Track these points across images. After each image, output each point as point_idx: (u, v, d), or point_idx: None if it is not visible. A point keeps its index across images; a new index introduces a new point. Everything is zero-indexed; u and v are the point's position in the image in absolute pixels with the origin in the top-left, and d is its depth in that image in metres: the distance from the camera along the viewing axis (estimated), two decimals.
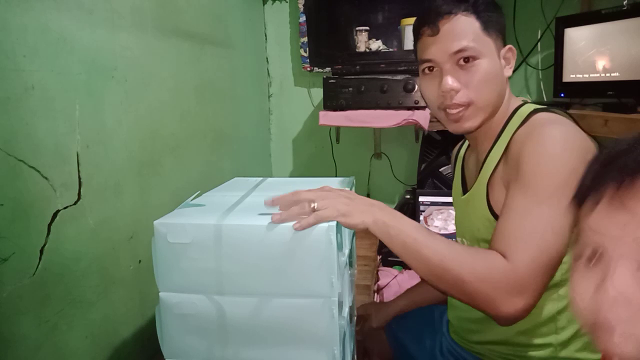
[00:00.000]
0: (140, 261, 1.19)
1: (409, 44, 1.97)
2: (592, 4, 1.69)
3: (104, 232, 1.06)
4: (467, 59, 0.82)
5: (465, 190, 0.99)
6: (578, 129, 0.78)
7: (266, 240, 0.71)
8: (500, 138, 0.86)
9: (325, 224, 0.70)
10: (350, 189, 0.99)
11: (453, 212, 1.93)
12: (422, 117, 1.82)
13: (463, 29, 0.83)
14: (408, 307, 1.21)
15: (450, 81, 0.83)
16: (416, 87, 1.83)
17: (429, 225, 1.97)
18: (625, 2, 1.45)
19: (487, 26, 0.84)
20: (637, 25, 1.42)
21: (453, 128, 0.88)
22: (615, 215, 0.38)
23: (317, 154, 2.44)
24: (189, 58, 1.51)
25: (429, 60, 0.85)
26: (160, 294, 0.77)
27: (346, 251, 0.85)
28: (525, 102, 0.90)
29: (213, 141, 1.70)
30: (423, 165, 2.11)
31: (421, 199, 1.95)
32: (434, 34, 0.84)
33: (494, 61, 0.84)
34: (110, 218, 1.08)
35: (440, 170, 2.03)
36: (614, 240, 0.38)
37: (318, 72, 2.22)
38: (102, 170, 1.05)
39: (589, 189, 0.42)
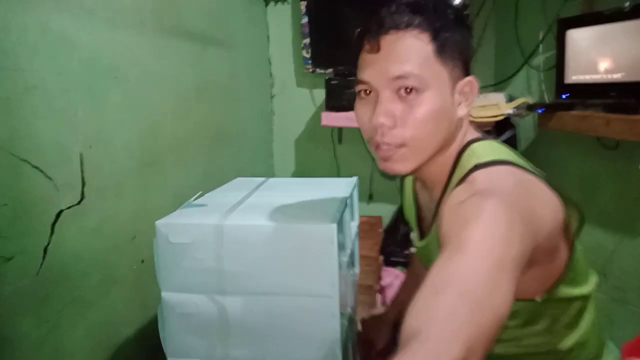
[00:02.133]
0: (142, 261, 1.19)
1: None
2: (594, 5, 1.69)
3: (106, 232, 1.06)
4: (409, 90, 0.67)
5: (421, 232, 0.87)
6: (518, 176, 0.67)
7: (268, 240, 0.71)
8: (448, 191, 0.74)
9: (326, 224, 0.70)
10: (353, 190, 0.99)
11: None
12: None
13: (409, 51, 0.67)
14: (405, 306, 1.19)
15: (383, 115, 0.68)
16: None
17: None
18: (627, 4, 1.44)
19: (443, 50, 0.68)
20: (638, 27, 1.41)
21: (383, 167, 0.73)
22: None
23: (319, 155, 2.45)
24: (190, 58, 1.51)
25: (364, 82, 0.70)
26: (162, 293, 0.78)
27: (348, 251, 0.85)
28: (470, 143, 0.74)
29: (215, 141, 1.71)
30: None
31: None
32: (374, 51, 0.69)
33: (444, 96, 0.69)
34: (113, 218, 1.08)
35: None
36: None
37: (320, 73, 2.23)
38: (104, 171, 1.05)
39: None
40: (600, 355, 0.83)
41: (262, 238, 0.71)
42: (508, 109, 1.83)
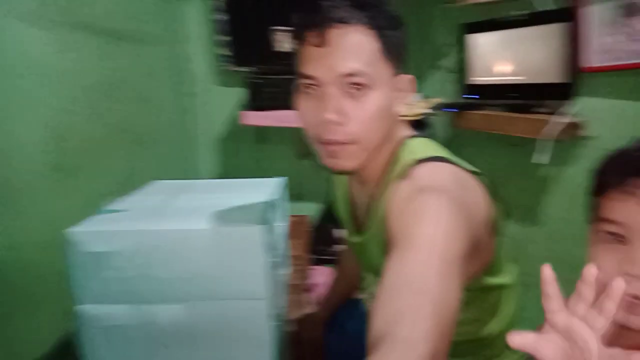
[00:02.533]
0: (59, 273, 1.10)
1: None
2: (495, 12, 1.83)
3: (12, 244, 0.96)
4: (358, 87, 0.67)
5: (357, 227, 0.85)
6: (455, 173, 0.70)
7: (194, 245, 0.68)
8: (385, 186, 0.74)
9: (254, 226, 0.69)
10: (282, 190, 0.99)
11: None
12: None
13: (359, 48, 0.67)
14: (336, 303, 1.19)
15: (333, 112, 0.66)
16: None
17: None
18: (525, 12, 1.58)
19: (387, 49, 0.69)
20: (535, 33, 1.55)
21: (329, 164, 0.72)
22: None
23: (243, 155, 2.40)
24: (100, 55, 1.41)
25: (310, 77, 0.68)
26: (79, 307, 0.72)
27: (278, 252, 0.85)
28: (406, 140, 0.76)
29: (131, 143, 1.61)
30: None
31: None
32: (321, 44, 0.66)
33: (388, 94, 0.70)
34: (18, 228, 0.99)
35: None
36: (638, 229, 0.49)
37: (241, 70, 2.19)
38: (10, 175, 0.96)
39: (611, 183, 0.53)
40: None
41: (188, 243, 0.68)
42: (424, 109, 1.93)
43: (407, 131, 0.79)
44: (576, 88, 1.43)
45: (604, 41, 1.35)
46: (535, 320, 0.93)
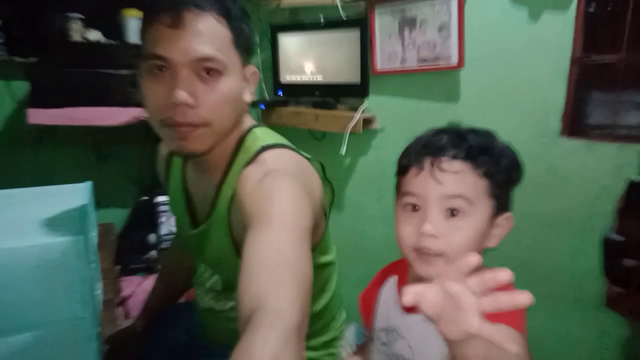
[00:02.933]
0: None
1: (133, 36, 1.86)
2: (298, 15, 1.95)
3: None
4: (209, 71, 0.68)
5: (194, 220, 0.86)
6: (295, 158, 0.76)
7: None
8: (231, 172, 0.77)
9: (71, 237, 0.60)
10: (89, 197, 0.88)
11: None
12: None
13: (213, 34, 0.68)
14: (155, 312, 1.09)
15: (184, 94, 0.66)
16: None
17: (173, 227, 1.92)
18: (322, 19, 1.73)
19: (238, 39, 0.72)
20: (331, 37, 1.71)
21: (177, 147, 0.72)
22: (429, 182, 0.61)
23: (25, 160, 2.05)
24: None
25: (162, 58, 0.67)
26: None
27: (92, 265, 0.76)
28: (251, 128, 0.80)
29: None
30: None
31: (160, 198, 1.89)
32: (176, 26, 0.66)
33: (238, 81, 0.73)
34: None
35: None
36: (428, 196, 0.61)
37: (19, 61, 1.85)
38: None
39: (411, 163, 0.64)
40: (340, 313, 0.98)
41: None
42: None
43: (251, 120, 0.82)
44: (368, 88, 1.64)
45: (387, 48, 1.57)
46: (344, 296, 1.05)
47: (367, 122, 1.66)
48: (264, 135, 0.79)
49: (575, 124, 1.22)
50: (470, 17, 1.35)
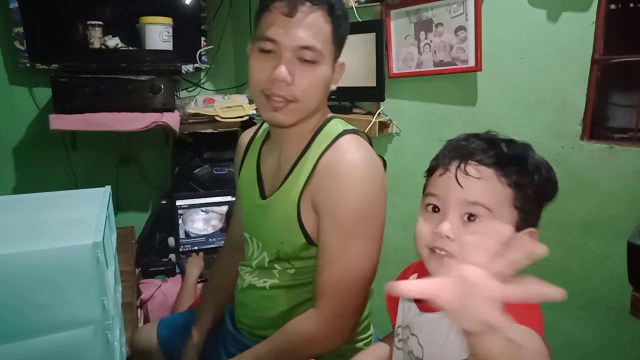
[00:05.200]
0: None
1: (150, 43, 1.89)
2: None
3: None
4: (308, 60, 0.80)
5: (262, 192, 0.95)
6: (372, 151, 0.85)
7: (19, 271, 0.57)
8: (309, 151, 0.87)
9: (90, 241, 0.61)
10: (107, 201, 0.89)
11: (211, 217, 1.97)
12: (172, 120, 1.78)
13: (318, 27, 0.80)
14: (211, 322, 1.08)
15: (285, 72, 0.79)
16: (163, 88, 1.77)
17: (188, 233, 1.94)
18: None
19: (336, 34, 0.83)
20: (346, 41, 1.71)
21: (268, 116, 0.84)
22: (452, 184, 0.62)
23: (49, 164, 2.10)
24: None
25: (272, 41, 0.79)
26: None
27: (112, 268, 0.77)
28: (333, 117, 0.92)
29: None
30: (177, 169, 2.06)
31: (178, 202, 1.91)
32: (291, 15, 0.78)
33: (329, 71, 0.84)
34: None
35: (195, 172, 2.03)
36: (448, 199, 0.62)
37: (42, 68, 1.90)
38: None
39: (438, 164, 0.65)
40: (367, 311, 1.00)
41: (10, 270, 0.57)
42: (252, 110, 1.96)
43: (329, 111, 0.94)
44: (384, 91, 1.63)
45: (403, 51, 1.56)
46: None
47: (383, 125, 1.65)
48: (341, 122, 0.91)
49: (596, 127, 1.20)
50: (487, 18, 1.33)
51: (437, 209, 0.64)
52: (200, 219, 1.96)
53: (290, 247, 0.88)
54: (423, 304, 0.69)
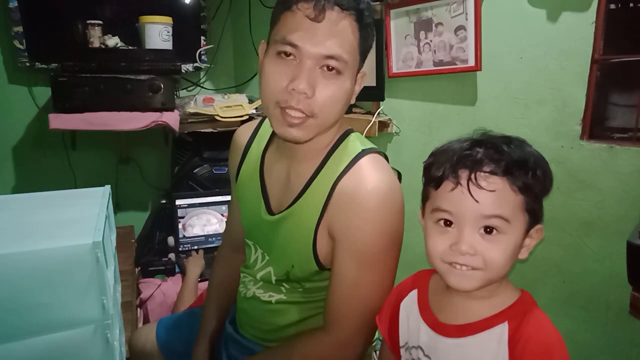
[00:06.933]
0: None
1: (150, 42, 1.89)
2: None
3: None
4: (332, 69, 0.72)
5: (268, 206, 0.88)
6: (392, 174, 0.80)
7: (19, 271, 0.57)
8: (325, 169, 0.80)
9: (90, 241, 0.61)
10: (107, 200, 0.89)
11: (211, 217, 1.97)
12: (172, 119, 1.78)
13: (345, 36, 0.71)
14: (217, 327, 1.04)
15: (305, 84, 0.70)
16: (162, 87, 1.76)
17: (188, 232, 1.94)
18: None
19: (363, 44, 0.75)
20: None
21: (282, 131, 0.75)
22: (465, 199, 0.60)
23: (49, 164, 2.10)
24: None
25: (293, 45, 0.70)
26: None
27: (112, 268, 0.77)
28: (350, 131, 0.85)
29: None
30: (177, 168, 2.06)
31: (178, 202, 1.91)
32: (317, 19, 0.69)
33: (351, 83, 0.76)
34: None
35: (195, 171, 2.03)
36: (463, 214, 0.60)
37: (41, 67, 1.90)
38: None
39: (445, 177, 0.62)
40: None
41: (10, 269, 0.57)
42: (251, 109, 1.96)
43: (346, 124, 0.87)
44: (384, 91, 1.63)
45: (403, 51, 1.56)
46: None
47: (383, 125, 1.65)
48: (361, 138, 0.84)
49: (596, 127, 1.20)
50: (487, 18, 1.33)
51: (449, 222, 0.63)
52: (199, 224, 1.96)
53: (301, 272, 0.84)
54: (441, 327, 0.66)
